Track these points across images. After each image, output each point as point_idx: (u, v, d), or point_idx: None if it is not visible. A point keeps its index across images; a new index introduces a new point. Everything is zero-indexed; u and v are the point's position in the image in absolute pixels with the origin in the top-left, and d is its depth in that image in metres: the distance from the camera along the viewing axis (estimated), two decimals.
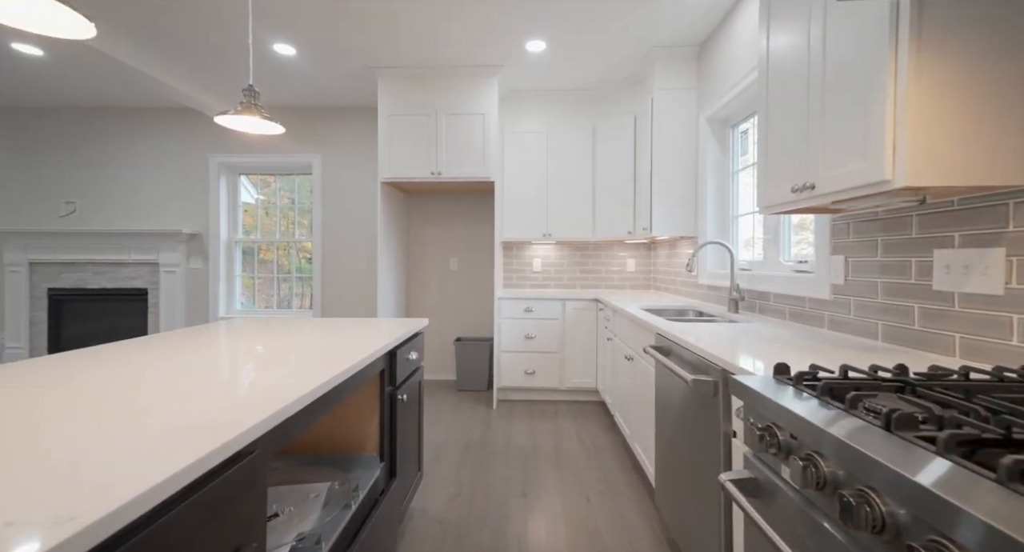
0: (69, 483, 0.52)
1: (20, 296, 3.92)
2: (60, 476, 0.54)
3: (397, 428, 1.56)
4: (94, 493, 0.50)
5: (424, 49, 2.87)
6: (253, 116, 1.37)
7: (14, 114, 3.99)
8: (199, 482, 0.63)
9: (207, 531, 0.63)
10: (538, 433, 2.62)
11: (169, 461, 0.58)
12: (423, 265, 3.87)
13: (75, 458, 0.58)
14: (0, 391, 0.87)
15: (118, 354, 1.19)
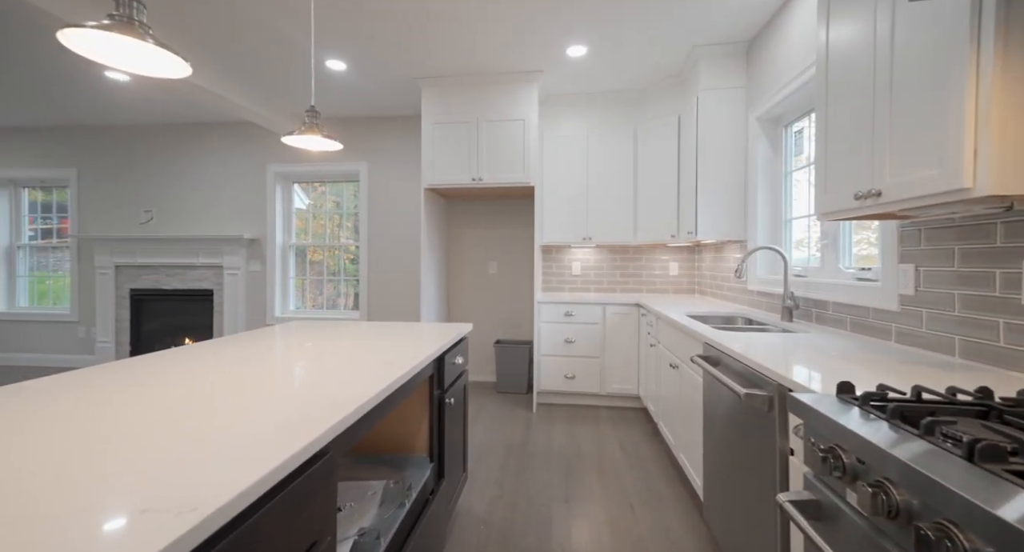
0: (186, 477, 0.59)
1: (107, 296, 4.37)
2: (178, 470, 0.61)
3: (445, 430, 1.61)
4: (207, 487, 0.57)
5: (465, 58, 2.94)
6: (315, 135, 1.48)
7: (105, 132, 4.45)
8: (287, 479, 0.69)
9: (293, 524, 0.70)
10: (579, 438, 2.62)
11: (264, 459, 0.65)
12: (462, 268, 3.96)
13: (186, 454, 0.66)
14: (109, 391, 0.99)
15: (200, 356, 1.31)
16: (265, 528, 0.63)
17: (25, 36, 2.68)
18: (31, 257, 4.73)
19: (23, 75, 3.25)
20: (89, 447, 0.68)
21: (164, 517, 0.51)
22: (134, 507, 0.52)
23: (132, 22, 0.82)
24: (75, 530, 0.48)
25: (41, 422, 0.79)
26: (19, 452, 0.68)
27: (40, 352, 4.53)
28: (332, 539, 0.84)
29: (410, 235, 4.11)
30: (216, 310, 4.31)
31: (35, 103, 3.83)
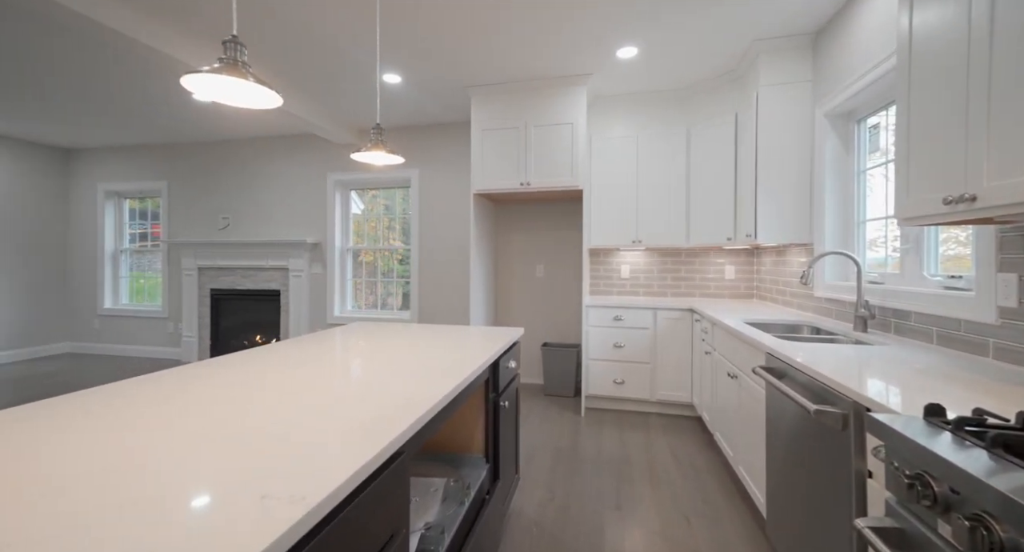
0: (290, 469, 0.67)
1: (192, 295, 4.85)
2: (283, 463, 0.69)
3: (500, 432, 1.66)
4: (310, 480, 0.64)
5: (514, 66, 2.99)
6: (381, 151, 1.59)
7: (191, 148, 4.95)
8: (371, 476, 0.76)
9: (377, 517, 0.76)
10: (629, 445, 2.59)
11: (353, 456, 0.71)
12: (510, 271, 4.01)
13: (289, 449, 0.74)
14: (214, 390, 1.12)
15: (284, 355, 1.44)
16: (355, 520, 0.70)
17: (134, 69, 3.04)
18: (130, 259, 5.36)
19: (129, 102, 3.69)
20: (209, 440, 0.79)
21: (280, 503, 0.58)
22: (255, 494, 0.60)
23: (237, 64, 0.94)
24: (213, 510, 0.56)
25: (163, 418, 0.92)
26: (159, 445, 0.79)
27: (138, 344, 5.12)
28: (407, 532, 0.91)
29: (459, 238, 4.23)
30: (283, 309, 4.67)
31: (136, 125, 4.33)
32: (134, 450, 0.74)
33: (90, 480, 0.64)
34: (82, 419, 0.88)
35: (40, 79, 3.23)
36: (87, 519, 0.54)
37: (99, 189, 5.20)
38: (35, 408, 0.94)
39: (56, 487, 0.62)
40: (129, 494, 0.60)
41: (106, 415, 0.90)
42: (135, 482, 0.63)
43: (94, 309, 5.21)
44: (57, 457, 0.71)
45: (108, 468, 0.67)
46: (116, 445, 0.76)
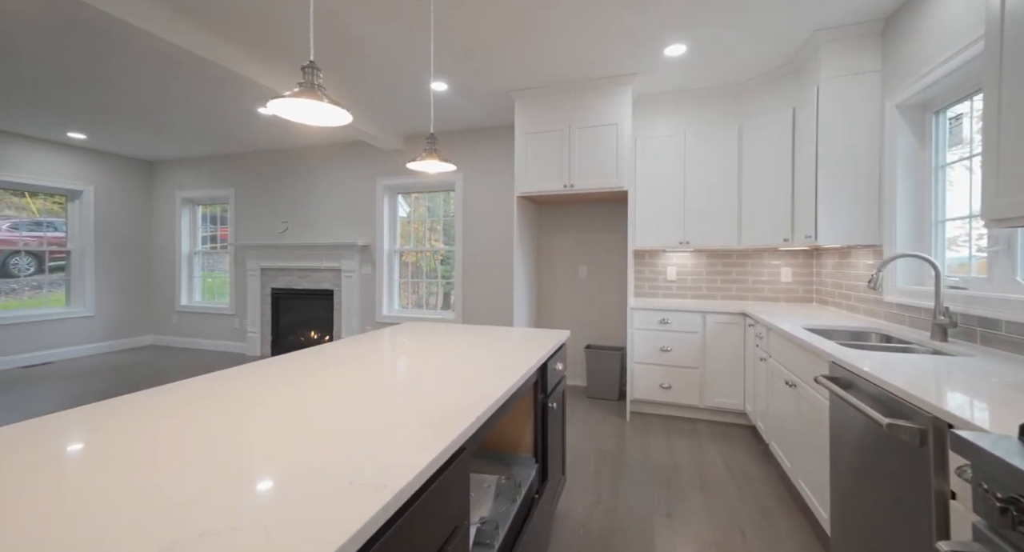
0: (370, 459, 0.73)
1: (255, 293, 5.24)
2: (363, 453, 0.75)
3: (548, 433, 1.69)
4: (389, 470, 0.70)
5: (558, 69, 3.00)
6: (435, 160, 1.66)
7: (254, 158, 5.35)
8: (438, 471, 0.81)
9: (444, 509, 0.81)
10: (678, 452, 2.53)
11: (425, 450, 0.77)
12: (553, 273, 4.02)
13: (365, 441, 0.81)
14: (290, 383, 1.22)
15: (345, 355, 1.54)
16: (426, 510, 0.75)
17: (208, 88, 3.34)
18: (202, 260, 5.86)
19: (203, 118, 4.05)
20: (295, 429, 0.87)
21: (366, 489, 0.64)
22: (344, 479, 0.67)
23: (314, 87, 1.03)
24: (309, 490, 0.62)
25: (262, 408, 1.02)
26: (254, 433, 0.88)
27: (208, 338, 5.59)
28: (467, 524, 0.95)
29: (501, 240, 4.29)
30: (336, 308, 4.93)
31: (208, 139, 4.74)
32: (246, 432, 0.83)
33: (205, 457, 0.73)
34: (193, 406, 1.00)
35: (129, 100, 3.62)
36: (208, 488, 0.62)
37: (177, 197, 5.73)
38: (153, 394, 1.08)
39: (184, 460, 0.71)
40: (239, 467, 0.68)
41: (223, 401, 1.01)
42: (244, 459, 0.72)
43: (172, 305, 5.74)
44: (179, 436, 0.82)
45: (225, 446, 0.77)
46: (231, 429, 0.86)
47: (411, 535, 0.70)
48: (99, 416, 0.93)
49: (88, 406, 0.99)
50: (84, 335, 5.14)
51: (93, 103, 3.67)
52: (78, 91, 3.41)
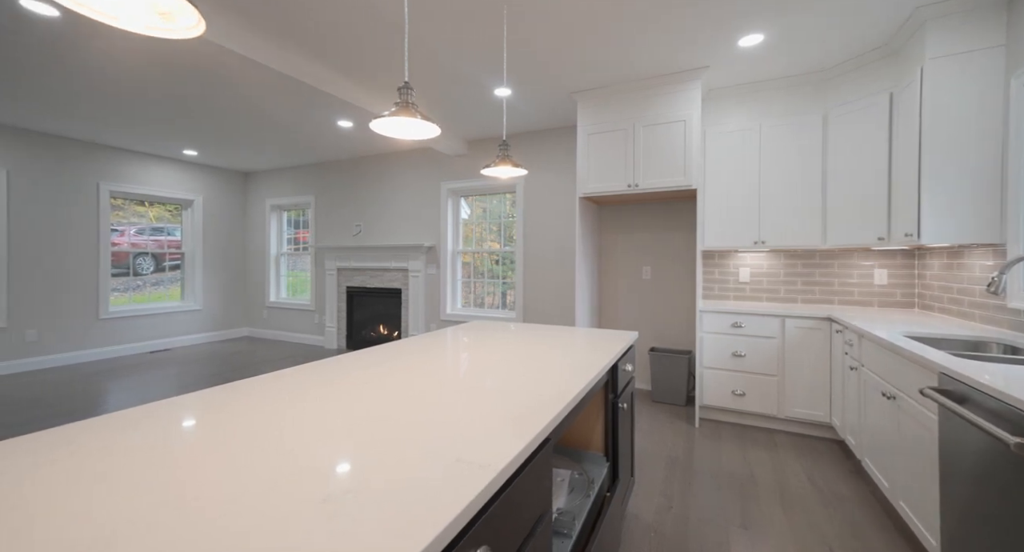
0: (472, 441, 0.80)
1: (332, 291, 5.70)
2: (464, 436, 0.83)
3: (619, 434, 1.69)
4: (488, 452, 0.76)
5: (622, 68, 2.96)
6: (507, 165, 1.74)
7: (332, 166, 5.82)
8: (528, 459, 0.86)
9: (532, 495, 0.87)
10: (754, 462, 2.40)
11: (516, 438, 0.82)
12: (615, 273, 3.97)
13: (461, 427, 0.88)
14: (389, 374, 1.34)
15: (426, 350, 1.66)
16: (518, 494, 0.80)
17: (296, 105, 3.71)
18: (287, 260, 6.48)
19: (291, 133, 4.49)
20: (400, 414, 0.97)
21: (471, 467, 0.71)
22: (452, 457, 0.74)
23: (408, 106, 1.13)
24: (423, 464, 0.70)
25: (360, 391, 1.14)
26: (360, 415, 0.99)
27: (292, 331, 6.16)
28: (551, 511, 1.00)
29: (561, 240, 4.31)
30: (403, 306, 5.23)
31: (293, 151, 5.24)
32: (355, 414, 0.95)
33: (329, 433, 0.84)
34: (309, 390, 1.14)
35: (232, 120, 4.10)
36: (341, 456, 0.72)
37: (266, 204, 6.38)
38: (274, 377, 1.24)
39: (311, 437, 0.83)
40: (362, 440, 0.78)
41: (331, 387, 1.15)
42: (363, 435, 0.82)
43: (263, 301, 6.40)
44: (300, 416, 0.95)
45: (344, 423, 0.88)
46: (344, 410, 0.97)
47: (509, 514, 0.76)
48: (235, 394, 1.10)
49: (226, 385, 1.17)
50: (194, 326, 5.89)
51: (204, 124, 4.21)
52: (193, 114, 3.93)
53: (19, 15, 2.31)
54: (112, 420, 0.92)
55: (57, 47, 2.66)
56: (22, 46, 2.65)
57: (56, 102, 3.61)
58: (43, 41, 2.59)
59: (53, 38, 2.55)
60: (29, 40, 2.57)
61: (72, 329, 4.72)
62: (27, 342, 4.41)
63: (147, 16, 0.67)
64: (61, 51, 2.71)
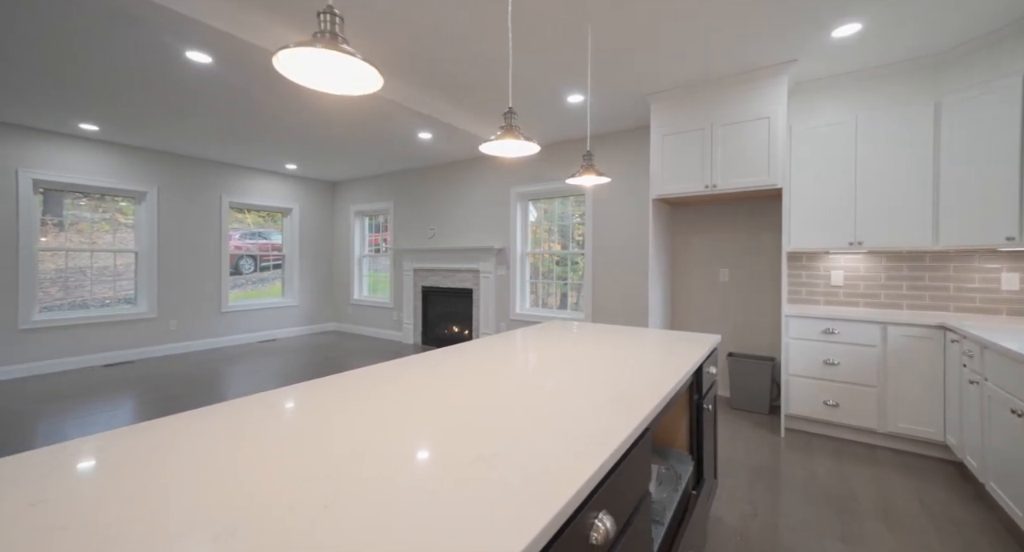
0: (586, 426, 0.91)
1: (409, 290, 6.12)
2: (578, 422, 0.94)
3: (703, 434, 1.71)
4: (603, 432, 0.86)
5: (699, 67, 2.91)
6: (592, 175, 1.83)
7: (409, 174, 6.26)
8: (633, 444, 0.95)
9: (634, 478, 0.95)
10: (852, 478, 2.25)
11: (622, 426, 0.92)
12: (689, 275, 3.88)
13: (572, 415, 0.99)
14: (487, 368, 1.49)
15: (517, 346, 1.79)
16: (628, 474, 0.89)
17: (383, 122, 4.08)
18: (368, 262, 7.06)
19: (377, 147, 4.92)
20: (519, 398, 1.10)
21: (591, 445, 0.81)
22: (571, 436, 0.85)
23: (512, 128, 1.27)
24: (549, 438, 0.82)
25: (470, 379, 1.29)
26: (481, 399, 1.14)
27: (373, 327, 6.71)
28: (649, 495, 1.07)
29: (629, 241, 4.28)
30: (474, 305, 5.49)
31: (377, 161, 5.73)
32: (478, 397, 1.10)
33: (464, 413, 0.99)
34: (426, 377, 1.32)
35: (331, 138, 4.59)
36: (486, 429, 0.86)
37: (351, 210, 7.01)
38: (401, 364, 1.44)
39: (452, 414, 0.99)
40: (493, 418, 0.92)
41: (445, 376, 1.33)
42: (497, 414, 0.96)
43: (348, 299, 7.04)
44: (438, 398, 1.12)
45: (476, 403, 1.03)
46: (470, 394, 1.13)
47: (619, 489, 0.85)
48: (382, 375, 1.30)
49: (368, 367, 1.38)
50: (292, 320, 6.64)
51: (306, 142, 4.76)
52: (296, 133, 4.46)
53: (183, 63, 2.83)
54: (320, 384, 1.15)
55: (208, 86, 3.20)
56: (181, 88, 3.22)
57: (197, 130, 4.31)
58: (197, 83, 3.13)
59: (204, 81, 3.07)
60: (187, 82, 3.12)
61: (201, 320, 5.56)
62: (170, 330, 5.28)
63: (347, 84, 0.86)
64: (212, 90, 3.25)
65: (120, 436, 0.85)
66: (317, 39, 0.76)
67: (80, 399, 3.58)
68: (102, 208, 4.86)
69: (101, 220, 4.85)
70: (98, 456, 0.76)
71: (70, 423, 3.07)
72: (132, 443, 0.82)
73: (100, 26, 2.38)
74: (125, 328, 4.94)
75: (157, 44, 2.58)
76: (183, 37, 2.40)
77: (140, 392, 3.77)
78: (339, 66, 0.83)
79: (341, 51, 0.75)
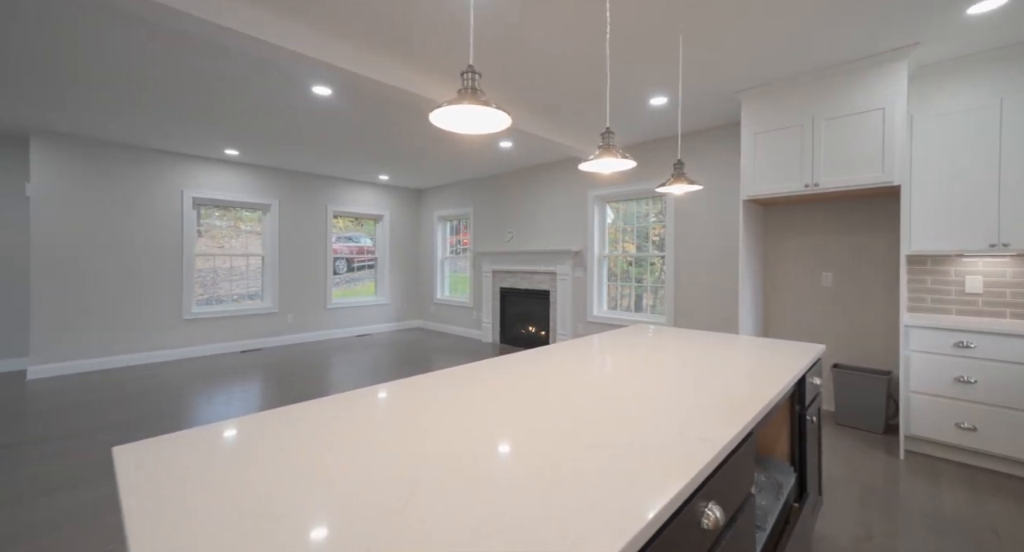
0: (692, 422, 0.97)
1: (487, 291, 6.42)
2: (684, 418, 1.00)
3: (807, 446, 1.64)
4: (711, 432, 0.92)
5: (798, 60, 2.72)
6: (682, 183, 1.84)
7: (487, 180, 6.56)
8: (737, 447, 0.99)
9: (739, 478, 0.99)
10: (993, 513, 1.99)
11: (727, 426, 0.96)
12: (784, 279, 3.62)
13: (683, 410, 1.06)
14: (589, 369, 1.59)
15: (612, 351, 1.87)
16: (733, 474, 0.94)
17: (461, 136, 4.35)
18: (449, 263, 7.51)
19: (460, 155, 5.25)
20: (630, 392, 1.19)
21: (699, 441, 0.88)
22: (675, 431, 0.92)
23: (610, 148, 1.35)
24: (656, 431, 0.90)
25: (580, 378, 1.40)
26: (590, 397, 1.24)
27: (454, 325, 7.12)
28: (753, 496, 1.10)
29: (715, 243, 4.10)
30: (551, 306, 5.60)
31: (459, 169, 6.09)
32: (588, 393, 1.21)
33: (575, 403, 1.11)
34: (547, 375, 1.46)
35: (419, 151, 5.00)
36: (587, 421, 0.97)
37: (434, 215, 7.51)
38: (517, 358, 1.60)
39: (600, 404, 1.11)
40: (603, 411, 1.02)
41: (560, 375, 1.46)
42: (604, 409, 1.06)
43: (431, 298, 7.55)
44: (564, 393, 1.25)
45: (601, 399, 1.15)
46: (586, 391, 1.25)
47: (725, 484, 0.91)
48: (502, 368, 1.47)
49: (482, 361, 1.56)
50: (383, 317, 7.30)
51: (400, 154, 5.24)
52: (393, 143, 4.93)
53: (308, 96, 3.32)
54: (436, 376, 1.36)
55: (325, 113, 3.70)
56: (304, 116, 3.76)
57: (311, 149, 4.96)
58: (317, 111, 3.63)
59: (323, 109, 3.56)
60: (309, 112, 3.64)
61: (311, 315, 6.36)
62: (288, 323, 6.11)
63: (481, 125, 1.03)
64: (327, 116, 3.76)
65: (320, 404, 1.10)
66: (463, 96, 0.94)
67: (228, 378, 4.32)
68: (227, 217, 5.77)
69: (228, 227, 5.77)
70: (313, 419, 1.00)
71: (227, 396, 3.73)
72: (336, 411, 1.06)
73: (245, 71, 2.90)
74: (254, 321, 5.82)
75: (290, 83, 3.06)
76: (312, 75, 2.83)
77: (273, 374, 4.45)
78: (477, 113, 1.00)
79: (483, 104, 0.91)
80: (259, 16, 2.20)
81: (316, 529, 0.59)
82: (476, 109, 0.95)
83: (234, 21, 2.12)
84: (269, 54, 2.36)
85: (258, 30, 2.19)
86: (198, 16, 2.00)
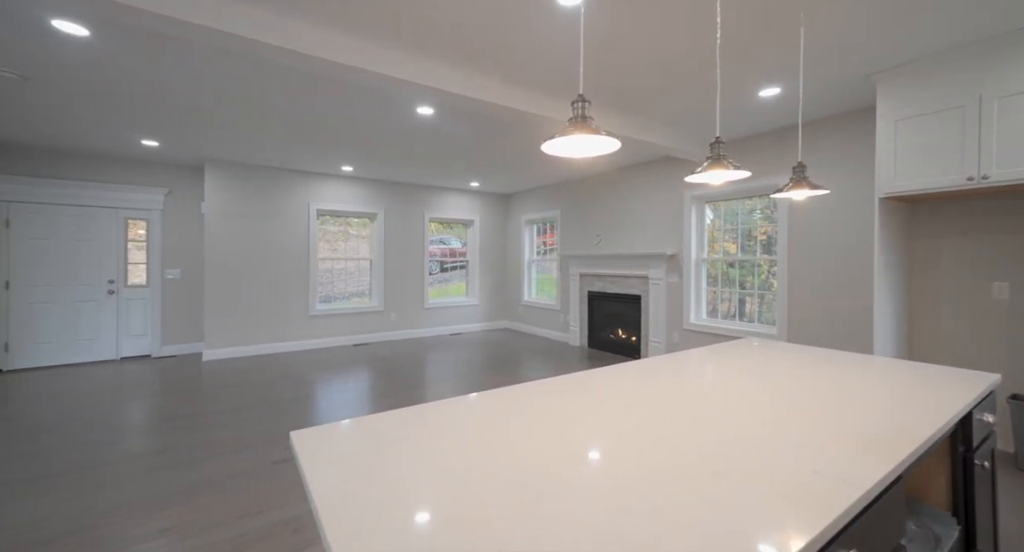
0: (829, 459, 0.90)
1: (575, 294, 6.39)
2: (818, 454, 0.93)
3: (975, 495, 1.39)
4: (853, 472, 0.84)
5: (959, 27, 2.26)
6: (804, 188, 1.67)
7: (574, 183, 6.52)
8: (884, 490, 0.89)
9: (886, 527, 0.88)
10: None
11: (871, 467, 0.87)
12: (937, 290, 3.05)
13: (816, 444, 0.98)
14: (717, 388, 1.53)
15: (725, 368, 1.77)
16: (877, 522, 0.85)
17: None
18: (536, 265, 7.62)
19: (546, 159, 5.31)
20: (782, 433, 1.14)
21: (837, 481, 0.81)
22: (809, 468, 0.86)
23: (720, 158, 1.28)
24: (784, 467, 0.85)
25: (707, 396, 1.36)
26: (721, 413, 1.20)
27: (541, 327, 7.22)
28: (903, 547, 0.97)
29: (840, 246, 3.59)
30: (643, 312, 5.40)
31: (546, 172, 6.15)
32: (720, 414, 1.18)
33: (696, 425, 1.08)
34: (670, 389, 1.45)
35: (507, 158, 5.16)
36: (713, 447, 0.95)
37: (521, 219, 7.67)
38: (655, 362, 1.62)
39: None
40: (723, 435, 0.99)
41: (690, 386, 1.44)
42: (728, 431, 1.03)
43: (519, 299, 7.74)
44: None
45: (707, 420, 1.12)
46: (696, 407, 1.22)
47: (869, 531, 0.82)
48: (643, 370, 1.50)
49: (613, 368, 1.60)
50: (473, 316, 7.67)
51: (492, 163, 5.46)
52: (489, 150, 5.15)
53: (413, 116, 3.64)
54: (556, 382, 1.43)
55: (426, 130, 4.02)
56: (408, 134, 4.13)
57: (411, 162, 5.41)
58: (420, 129, 3.97)
59: (425, 127, 3.88)
60: (413, 129, 3.99)
61: (411, 313, 6.93)
62: (391, 320, 6.75)
63: (591, 149, 1.07)
64: (428, 132, 4.08)
65: (483, 398, 1.23)
66: (574, 126, 0.98)
67: (347, 368, 4.92)
68: (338, 222, 6.51)
69: (338, 232, 6.51)
70: (472, 412, 1.13)
71: (354, 383, 4.26)
72: (491, 403, 1.18)
73: (363, 102, 3.27)
74: (363, 317, 6.52)
75: (398, 106, 3.39)
76: (419, 97, 3.10)
77: (384, 367, 4.96)
78: (587, 139, 1.03)
79: (593, 133, 0.94)
80: (375, 52, 2.48)
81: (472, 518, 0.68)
82: (587, 138, 0.98)
83: (360, 59, 2.41)
84: (388, 86, 2.65)
85: (376, 65, 2.48)
86: (329, 59, 2.33)
